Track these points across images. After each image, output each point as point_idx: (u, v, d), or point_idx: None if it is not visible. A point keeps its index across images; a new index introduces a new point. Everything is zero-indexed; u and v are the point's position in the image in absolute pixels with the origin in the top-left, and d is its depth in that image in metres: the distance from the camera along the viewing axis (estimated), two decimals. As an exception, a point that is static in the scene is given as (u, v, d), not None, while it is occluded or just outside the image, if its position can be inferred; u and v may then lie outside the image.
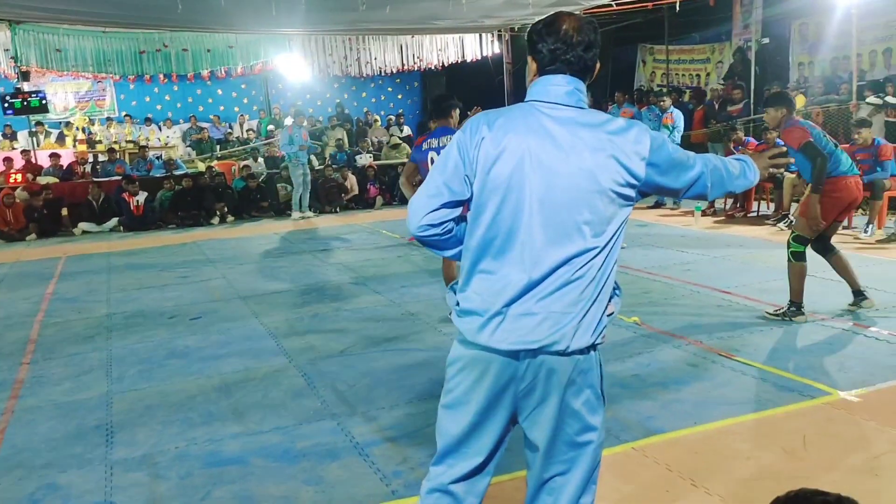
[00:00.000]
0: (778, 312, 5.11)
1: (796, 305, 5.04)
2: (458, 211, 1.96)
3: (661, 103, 11.12)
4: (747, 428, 3.46)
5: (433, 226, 1.94)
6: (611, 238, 1.87)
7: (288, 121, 16.81)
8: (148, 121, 17.04)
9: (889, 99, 9.43)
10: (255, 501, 3.03)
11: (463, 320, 1.93)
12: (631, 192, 1.88)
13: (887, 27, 11.10)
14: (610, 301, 1.93)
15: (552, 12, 1.97)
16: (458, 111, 5.84)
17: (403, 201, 13.31)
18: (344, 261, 8.31)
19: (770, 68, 12.87)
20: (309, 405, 4.03)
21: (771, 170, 2.22)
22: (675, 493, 2.92)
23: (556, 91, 1.90)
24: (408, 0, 9.54)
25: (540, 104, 1.91)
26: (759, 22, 12.78)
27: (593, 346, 1.91)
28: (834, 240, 5.24)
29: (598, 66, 1.96)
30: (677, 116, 10.94)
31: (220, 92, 18.46)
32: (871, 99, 9.50)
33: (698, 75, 15.41)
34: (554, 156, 1.84)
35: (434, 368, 4.51)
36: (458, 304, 1.97)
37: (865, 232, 7.92)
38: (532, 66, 1.97)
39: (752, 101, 12.00)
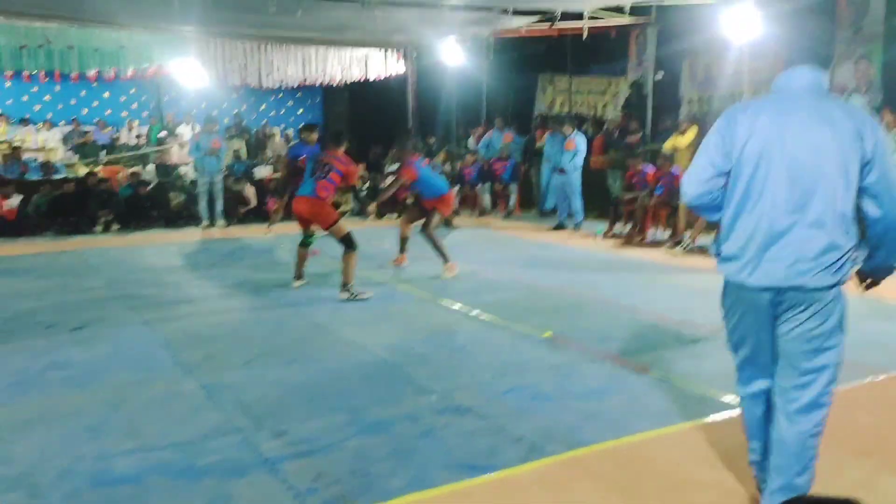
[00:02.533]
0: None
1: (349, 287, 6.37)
2: (722, 181, 2.51)
3: (563, 130, 11.40)
4: (674, 439, 3.43)
5: (703, 195, 2.54)
6: (849, 204, 2.34)
7: (182, 128, 16.09)
8: (24, 121, 15.82)
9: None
10: (153, 523, 2.71)
11: (725, 265, 2.52)
12: (861, 169, 2.34)
13: (772, 70, 11.89)
14: (852, 251, 2.39)
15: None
16: (316, 135, 9.13)
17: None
18: (242, 271, 7.89)
19: (663, 102, 13.43)
20: (211, 418, 3.70)
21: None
22: (607, 505, 2.83)
23: (798, 80, 2.46)
24: (320, 6, 9.28)
25: (785, 92, 2.47)
26: (653, 58, 13.33)
27: (836, 284, 2.38)
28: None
29: (834, 57, 2.32)
30: (579, 142, 11.24)
31: (106, 95, 17.45)
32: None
33: (595, 105, 15.94)
34: (798, 133, 2.36)
35: (344, 380, 4.28)
36: (719, 253, 2.54)
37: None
38: (778, 61, 2.30)
39: (647, 131, 12.50)
